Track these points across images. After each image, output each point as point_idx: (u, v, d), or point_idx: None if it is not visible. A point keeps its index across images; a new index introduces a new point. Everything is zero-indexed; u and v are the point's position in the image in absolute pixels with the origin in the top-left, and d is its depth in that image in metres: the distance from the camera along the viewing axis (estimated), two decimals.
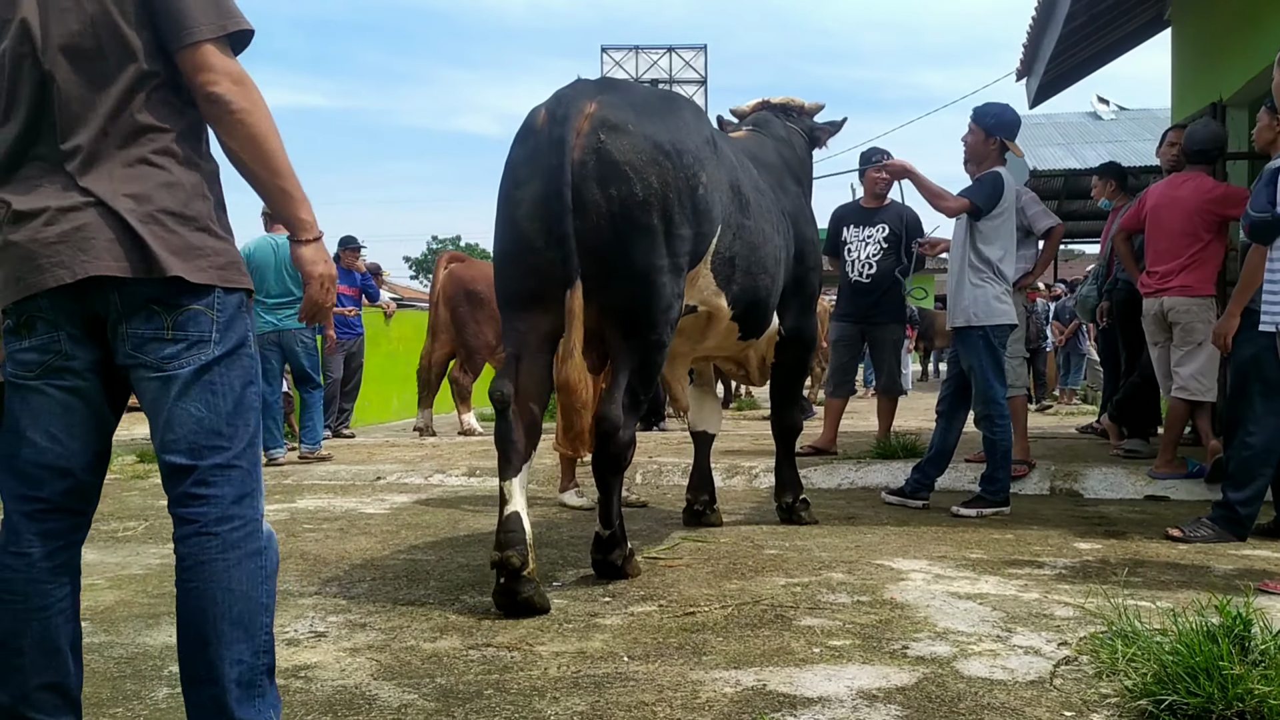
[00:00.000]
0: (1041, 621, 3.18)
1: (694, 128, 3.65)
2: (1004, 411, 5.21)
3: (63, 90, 1.86)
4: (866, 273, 7.10)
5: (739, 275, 3.92)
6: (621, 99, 3.48)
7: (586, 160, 3.30)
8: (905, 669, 2.73)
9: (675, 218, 3.42)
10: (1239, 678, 2.30)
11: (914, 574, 3.86)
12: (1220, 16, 7.68)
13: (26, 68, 1.86)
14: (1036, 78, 9.84)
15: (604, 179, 3.31)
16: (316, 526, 5.08)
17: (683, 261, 3.52)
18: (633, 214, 3.32)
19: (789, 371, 4.83)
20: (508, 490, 3.39)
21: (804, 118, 5.07)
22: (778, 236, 4.21)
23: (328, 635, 3.11)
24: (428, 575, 3.92)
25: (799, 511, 4.91)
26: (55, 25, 1.85)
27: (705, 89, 25.74)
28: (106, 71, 1.86)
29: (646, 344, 3.49)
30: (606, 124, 3.34)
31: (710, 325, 4.05)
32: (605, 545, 3.74)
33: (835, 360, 7.46)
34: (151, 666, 2.83)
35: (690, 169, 3.47)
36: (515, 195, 3.44)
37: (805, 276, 4.60)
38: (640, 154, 3.34)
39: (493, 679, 2.69)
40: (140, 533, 4.97)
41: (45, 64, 1.86)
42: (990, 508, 5.17)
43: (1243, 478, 4.39)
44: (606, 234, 3.33)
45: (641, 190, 3.32)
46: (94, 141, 1.86)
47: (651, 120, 3.45)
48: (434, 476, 6.86)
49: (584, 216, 3.28)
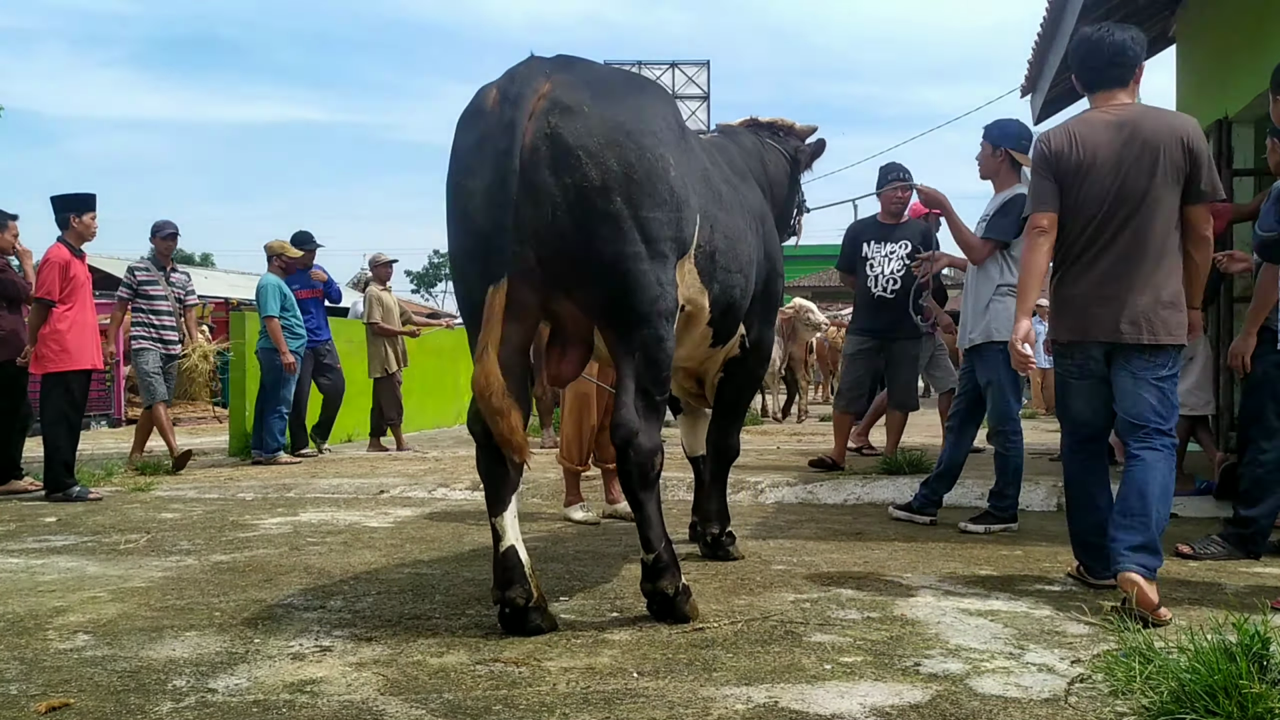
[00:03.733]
0: (1054, 639, 3.15)
1: (659, 110, 3.37)
2: (1017, 428, 5.22)
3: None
4: (891, 288, 7.13)
5: (719, 272, 3.64)
6: (578, 78, 3.19)
7: (538, 146, 3.02)
8: (918, 686, 2.70)
9: (643, 201, 3.11)
10: (1259, 696, 2.27)
11: (924, 590, 3.83)
12: (1226, 34, 7.69)
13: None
14: (1041, 94, 9.85)
15: (556, 165, 3.02)
16: (320, 540, 5.05)
17: (664, 248, 3.20)
18: (591, 201, 3.04)
19: (742, 387, 4.44)
20: (499, 526, 3.22)
21: (790, 138, 4.88)
22: (751, 234, 3.97)
23: (333, 650, 3.08)
24: (433, 589, 3.89)
25: (726, 545, 4.45)
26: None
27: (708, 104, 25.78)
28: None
29: (644, 340, 3.19)
30: (560, 105, 3.06)
31: (689, 328, 3.71)
32: (652, 572, 3.32)
33: (851, 375, 7.40)
34: (155, 680, 2.79)
35: (655, 150, 3.18)
36: (467, 186, 3.12)
37: (773, 281, 4.33)
38: (596, 137, 3.06)
39: (501, 695, 2.66)
40: (143, 545, 4.94)
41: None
42: (998, 524, 5.15)
43: (1256, 495, 4.36)
44: (565, 225, 3.04)
45: (598, 175, 3.03)
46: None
47: (609, 101, 3.17)
48: (437, 490, 6.83)
49: (538, 207, 3.02)
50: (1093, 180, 3.60)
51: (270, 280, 8.74)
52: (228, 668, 2.90)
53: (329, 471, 7.94)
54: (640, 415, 3.20)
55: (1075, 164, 3.62)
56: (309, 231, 9.42)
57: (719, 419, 4.49)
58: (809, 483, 6.62)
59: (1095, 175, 3.59)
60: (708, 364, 4.24)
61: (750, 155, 4.51)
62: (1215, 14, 8.01)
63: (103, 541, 5.05)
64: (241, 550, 4.77)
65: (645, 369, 3.22)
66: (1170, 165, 3.53)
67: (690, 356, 4.04)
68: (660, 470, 3.29)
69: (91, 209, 7.00)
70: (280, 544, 4.93)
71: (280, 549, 4.79)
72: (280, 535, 5.21)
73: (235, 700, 2.62)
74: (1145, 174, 3.54)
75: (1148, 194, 3.54)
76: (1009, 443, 5.20)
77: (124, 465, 8.22)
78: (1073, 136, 3.65)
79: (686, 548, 4.56)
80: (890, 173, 6.91)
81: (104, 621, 3.43)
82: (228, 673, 2.85)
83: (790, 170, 4.79)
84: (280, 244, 9.03)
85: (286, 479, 7.45)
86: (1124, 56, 3.65)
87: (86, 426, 10.34)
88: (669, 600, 3.31)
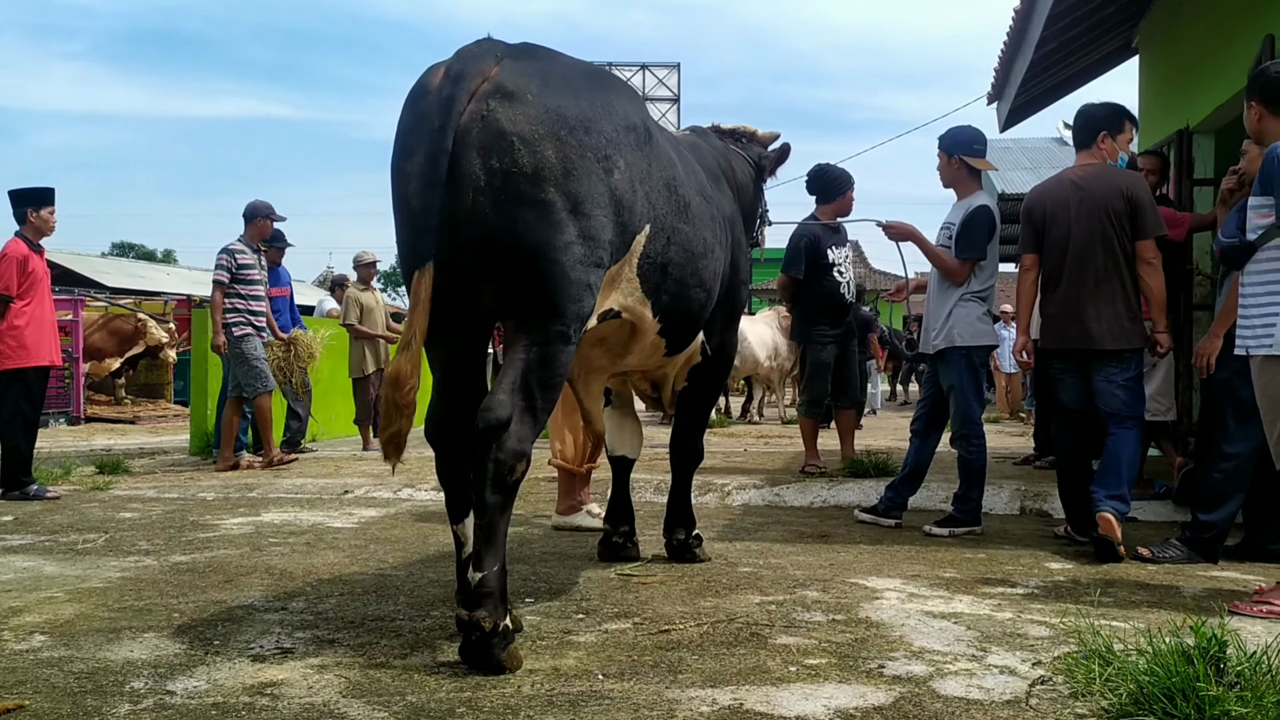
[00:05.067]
0: (1016, 641, 3.17)
1: (619, 109, 3.21)
2: (980, 432, 5.28)
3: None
4: (853, 292, 7.33)
5: (671, 284, 3.49)
6: (531, 66, 3.03)
7: (472, 127, 2.86)
8: (882, 688, 2.71)
9: (579, 196, 2.94)
10: (1216, 699, 2.30)
11: (888, 593, 3.85)
12: (1188, 45, 7.81)
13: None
14: (1007, 102, 9.96)
15: (486, 150, 2.85)
16: (283, 540, 5.00)
17: (598, 251, 3.01)
18: (518, 188, 2.86)
19: (705, 393, 4.40)
20: (461, 534, 3.04)
21: (753, 145, 4.80)
22: (720, 248, 3.85)
23: (295, 651, 3.05)
24: (397, 591, 3.86)
25: (692, 548, 4.44)
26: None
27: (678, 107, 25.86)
28: None
29: (547, 335, 2.93)
30: (502, 90, 2.91)
31: (635, 338, 3.60)
32: (472, 598, 2.85)
33: (823, 379, 7.34)
34: (113, 682, 2.75)
35: (601, 149, 3.03)
36: (405, 169, 2.95)
37: (737, 290, 4.23)
38: (535, 125, 2.89)
39: (465, 697, 2.64)
40: (101, 545, 4.86)
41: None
42: (962, 527, 5.19)
43: (1214, 500, 4.42)
44: (489, 213, 2.85)
45: (530, 163, 2.86)
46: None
47: (559, 92, 3.00)
48: (403, 491, 6.78)
49: (460, 192, 2.84)
50: (1056, 226, 4.77)
51: None
52: (186, 670, 2.86)
53: (292, 472, 7.88)
54: (516, 412, 2.87)
55: (1043, 215, 4.84)
56: (280, 230, 9.31)
57: (683, 424, 4.47)
58: (775, 485, 6.64)
59: (1058, 223, 4.77)
60: (666, 369, 4.18)
61: (720, 156, 4.45)
62: (1177, 27, 8.14)
63: (60, 541, 4.97)
64: (202, 551, 4.71)
65: (538, 367, 2.93)
66: (1113, 212, 4.63)
67: (645, 363, 3.97)
68: (521, 479, 2.92)
69: (50, 204, 6.88)
70: (241, 545, 4.88)
71: (241, 550, 4.74)
72: (242, 536, 5.16)
73: (194, 703, 2.59)
74: (1094, 220, 4.66)
75: (1097, 235, 4.65)
76: (971, 446, 5.25)
77: (213, 463, 8.18)
78: (1043, 194, 4.90)
79: (655, 549, 4.56)
80: (845, 179, 7.01)
81: (61, 622, 3.37)
82: (186, 675, 2.82)
83: (755, 177, 4.73)
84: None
85: (248, 479, 7.38)
86: (1082, 123, 4.90)
87: (44, 424, 10.17)
88: (485, 639, 2.82)
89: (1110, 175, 4.73)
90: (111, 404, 15.92)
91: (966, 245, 5.25)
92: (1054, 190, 4.84)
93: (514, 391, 2.89)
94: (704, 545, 4.53)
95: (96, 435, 12.76)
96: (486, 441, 2.83)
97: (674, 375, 4.26)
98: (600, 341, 3.62)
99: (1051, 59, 9.10)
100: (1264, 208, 3.64)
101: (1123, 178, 4.72)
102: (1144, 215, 4.63)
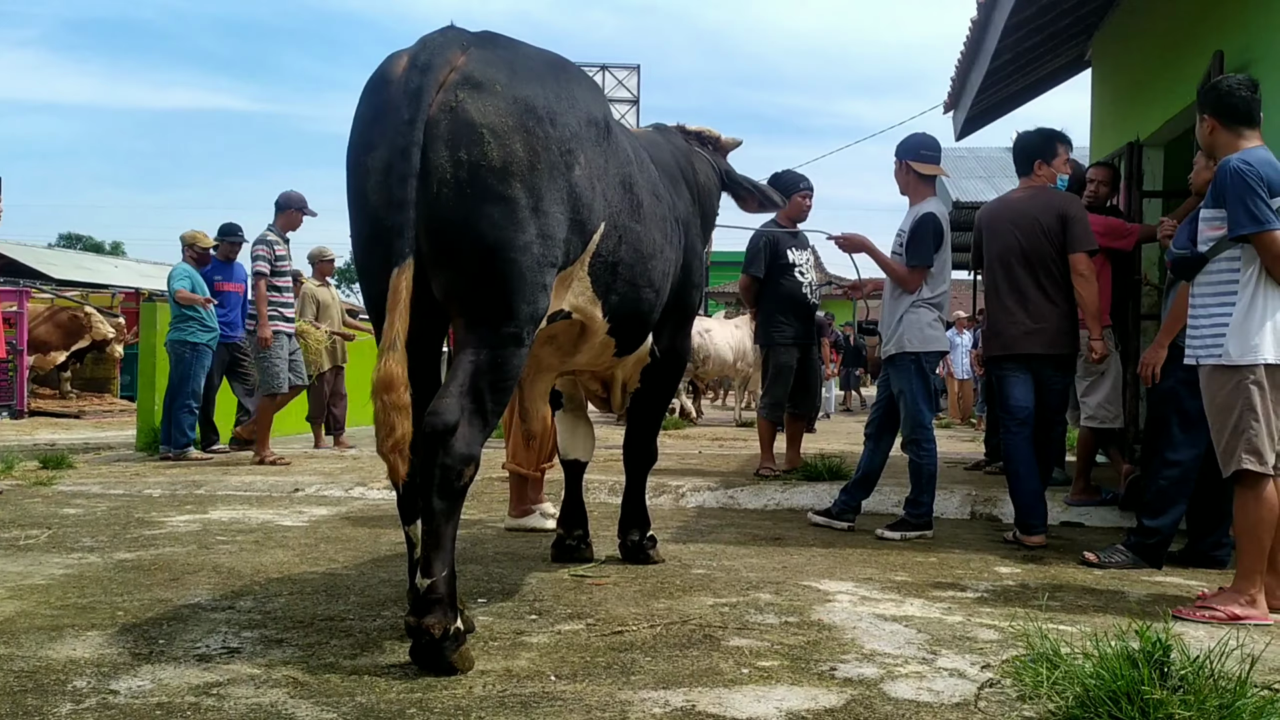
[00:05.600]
0: (965, 644, 3.21)
1: (582, 102, 3.14)
2: (930, 436, 5.34)
3: None
4: (814, 295, 7.31)
5: (621, 285, 3.46)
6: (497, 55, 2.96)
7: (440, 119, 2.79)
8: (833, 690, 2.73)
9: (543, 193, 2.89)
10: (1160, 702, 2.34)
11: (840, 595, 3.87)
12: (1139, 60, 7.95)
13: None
14: (963, 111, 10.08)
15: (456, 141, 2.79)
16: (231, 539, 4.92)
17: (554, 251, 2.96)
18: (486, 182, 2.80)
19: (658, 395, 4.37)
20: (413, 535, 2.94)
21: (717, 152, 4.76)
22: (670, 248, 3.80)
23: (242, 651, 3.00)
24: (348, 590, 3.82)
25: (646, 549, 4.44)
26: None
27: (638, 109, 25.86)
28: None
29: (499, 336, 2.87)
30: (471, 81, 2.84)
31: (584, 338, 3.56)
32: (422, 604, 2.80)
33: (784, 383, 7.33)
34: (54, 681, 2.69)
35: (567, 143, 2.98)
36: (366, 163, 2.88)
37: (689, 293, 4.20)
38: (505, 117, 2.84)
39: (415, 698, 2.61)
40: (43, 541, 4.76)
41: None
42: (914, 531, 5.24)
43: (1159, 506, 4.50)
44: (454, 205, 2.79)
45: (500, 156, 2.81)
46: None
47: (527, 82, 2.95)
48: (355, 489, 6.72)
49: (429, 184, 2.77)
50: (996, 242, 5.23)
51: (182, 268, 8.52)
52: (131, 669, 2.81)
53: (242, 469, 7.76)
54: (464, 415, 2.81)
55: (981, 232, 5.42)
56: (236, 224, 9.17)
57: (636, 425, 4.45)
58: (730, 487, 6.66)
59: (998, 238, 5.23)
60: (615, 369, 4.15)
61: (682, 156, 4.41)
62: (1129, 42, 8.28)
63: (1, 537, 4.86)
64: (147, 548, 4.63)
65: (488, 370, 2.87)
66: (1047, 230, 5.08)
67: (593, 363, 3.93)
68: (469, 484, 2.86)
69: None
70: (188, 542, 4.80)
71: (188, 547, 4.66)
72: (189, 533, 5.07)
73: (138, 702, 2.54)
74: (1029, 237, 5.11)
75: (1031, 251, 5.10)
76: (922, 451, 5.31)
77: (160, 459, 8.05)
78: (989, 212, 5.46)
79: (609, 550, 4.55)
80: (799, 179, 7.01)
81: (1, 620, 3.29)
82: (130, 674, 2.76)
83: (718, 186, 4.69)
84: (194, 234, 8.78)
85: (196, 475, 7.27)
86: (1017, 153, 5.39)
87: None
88: (435, 645, 2.77)
89: (1046, 196, 5.20)
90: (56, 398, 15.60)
91: (913, 253, 5.32)
92: (996, 207, 5.45)
93: (462, 394, 2.82)
94: (658, 547, 4.53)
95: (40, 430, 12.50)
96: (433, 446, 2.77)
97: (624, 376, 4.24)
98: (550, 340, 3.57)
99: (1007, 70, 9.23)
100: (1216, 220, 3.71)
101: (1057, 198, 5.19)
102: (1074, 230, 5.07)
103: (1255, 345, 3.59)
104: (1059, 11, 8.04)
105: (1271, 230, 3.55)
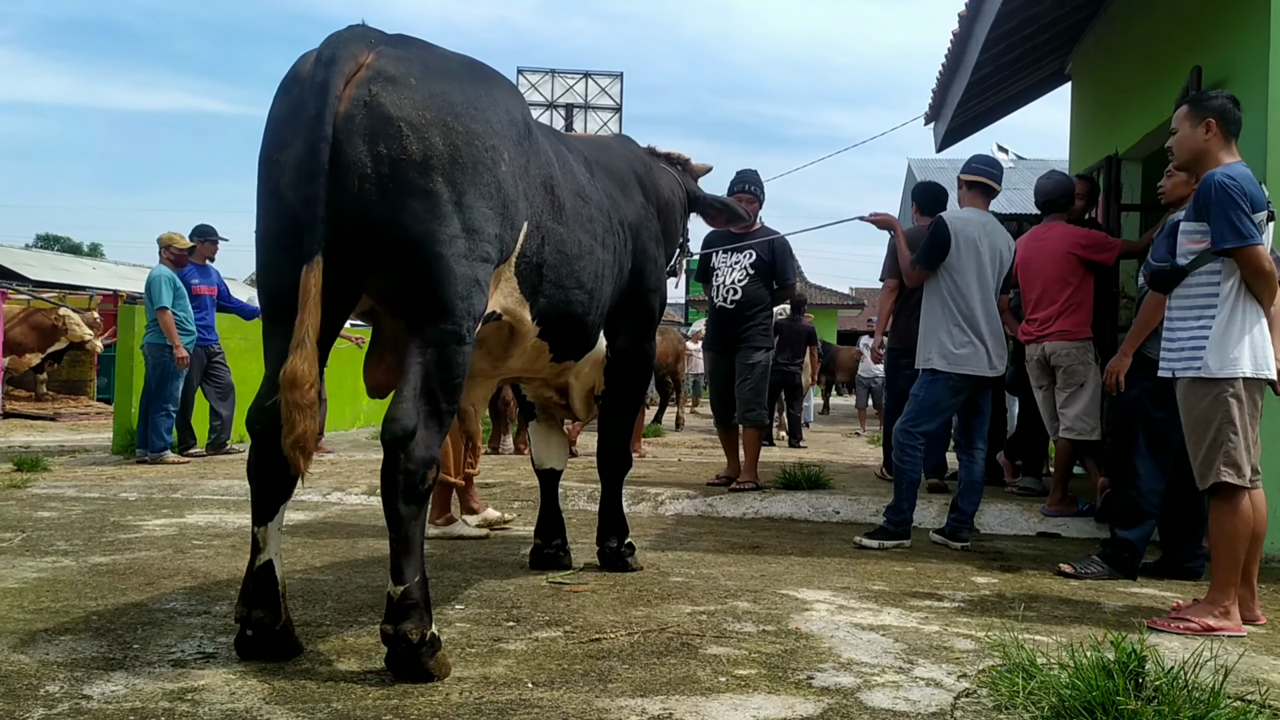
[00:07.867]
0: (942, 654, 3.22)
1: (502, 102, 3.12)
2: (920, 444, 5.38)
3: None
4: (731, 298, 6.92)
5: (547, 287, 3.43)
6: (411, 54, 2.94)
7: (354, 113, 2.75)
8: (810, 699, 2.73)
9: (467, 187, 2.86)
10: (1135, 713, 2.36)
11: (818, 604, 3.88)
12: (1118, 74, 8.03)
13: None
14: (944, 123, 10.14)
15: (373, 135, 2.75)
16: (207, 543, 4.89)
17: (484, 246, 2.93)
18: (407, 176, 2.77)
19: (625, 399, 4.36)
20: (262, 537, 2.94)
21: (686, 175, 4.79)
22: (602, 250, 3.73)
23: (217, 657, 2.98)
24: (324, 596, 3.80)
25: (625, 557, 4.44)
26: None
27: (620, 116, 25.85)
28: None
29: (440, 335, 2.85)
30: (384, 75, 2.81)
31: (514, 340, 3.52)
32: (397, 610, 2.80)
33: (713, 392, 7.34)
34: (26, 686, 2.66)
35: (489, 139, 2.95)
36: (278, 160, 2.83)
37: (643, 296, 4.18)
38: (424, 110, 2.81)
39: (391, 704, 2.60)
40: (17, 545, 4.71)
41: None
42: (892, 540, 5.26)
43: (1131, 517, 4.54)
44: (375, 202, 2.75)
45: (420, 150, 2.78)
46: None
47: (442, 78, 2.93)
48: (332, 495, 6.68)
49: (345, 181, 2.73)
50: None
51: (162, 272, 8.44)
52: (104, 674, 2.78)
53: (218, 472, 7.71)
54: (420, 418, 2.81)
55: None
56: (211, 225, 9.10)
57: (607, 431, 4.46)
58: (709, 496, 6.67)
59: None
60: (567, 378, 4.13)
61: (639, 163, 4.38)
62: (1108, 56, 8.37)
63: None
64: (122, 552, 4.59)
65: (437, 369, 2.86)
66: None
67: (531, 369, 3.88)
68: (432, 486, 2.87)
69: None
70: (164, 546, 4.76)
71: (164, 551, 4.63)
72: (164, 537, 5.03)
73: (112, 708, 2.51)
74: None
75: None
76: (906, 456, 5.35)
77: (136, 462, 8.05)
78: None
79: (587, 557, 4.55)
80: (740, 182, 6.92)
81: None
82: (104, 679, 2.74)
83: (684, 204, 4.69)
84: (171, 236, 8.72)
85: (173, 479, 7.21)
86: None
87: None
88: (412, 650, 2.78)
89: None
90: (32, 400, 15.46)
91: (918, 252, 5.54)
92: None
93: (416, 398, 2.82)
94: (636, 554, 4.53)
95: (15, 431, 12.37)
96: (394, 452, 2.78)
97: (582, 384, 4.22)
98: (479, 344, 3.46)
99: (988, 83, 9.30)
100: (1197, 233, 3.74)
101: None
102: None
103: (1234, 359, 3.62)
104: (1039, 26, 8.11)
105: (1254, 245, 3.59)
